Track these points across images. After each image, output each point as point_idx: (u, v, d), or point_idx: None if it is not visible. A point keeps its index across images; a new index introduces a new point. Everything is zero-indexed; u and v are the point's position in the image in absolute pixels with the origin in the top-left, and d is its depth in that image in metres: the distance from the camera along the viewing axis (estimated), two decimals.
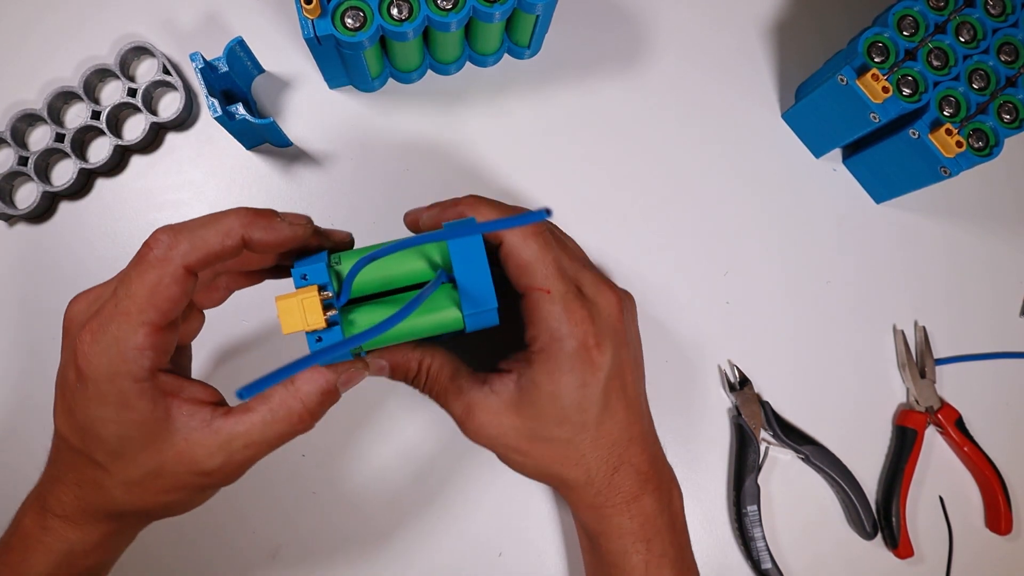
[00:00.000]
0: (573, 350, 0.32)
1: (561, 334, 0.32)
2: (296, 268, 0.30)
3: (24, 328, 0.46)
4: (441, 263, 0.32)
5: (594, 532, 0.36)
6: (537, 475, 0.36)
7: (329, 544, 0.44)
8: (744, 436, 0.46)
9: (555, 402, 0.33)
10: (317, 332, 0.30)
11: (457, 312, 0.31)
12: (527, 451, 0.35)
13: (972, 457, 0.47)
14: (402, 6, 0.40)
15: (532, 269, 0.32)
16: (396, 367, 0.35)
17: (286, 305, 0.29)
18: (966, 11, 0.44)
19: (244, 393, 0.23)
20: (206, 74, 0.41)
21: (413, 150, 0.48)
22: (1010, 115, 0.44)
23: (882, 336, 0.49)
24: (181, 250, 0.28)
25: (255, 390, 0.23)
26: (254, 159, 0.48)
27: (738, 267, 0.49)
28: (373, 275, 0.32)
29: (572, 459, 0.35)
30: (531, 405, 0.34)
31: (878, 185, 0.50)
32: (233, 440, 0.29)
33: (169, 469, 0.29)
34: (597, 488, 0.35)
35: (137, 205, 0.47)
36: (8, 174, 0.45)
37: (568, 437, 0.34)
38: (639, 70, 0.51)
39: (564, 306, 0.32)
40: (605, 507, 0.35)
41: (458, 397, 0.35)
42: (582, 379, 0.33)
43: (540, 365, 0.33)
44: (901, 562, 0.46)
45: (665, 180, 0.50)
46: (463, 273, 0.31)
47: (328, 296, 0.29)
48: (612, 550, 0.36)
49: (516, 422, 0.34)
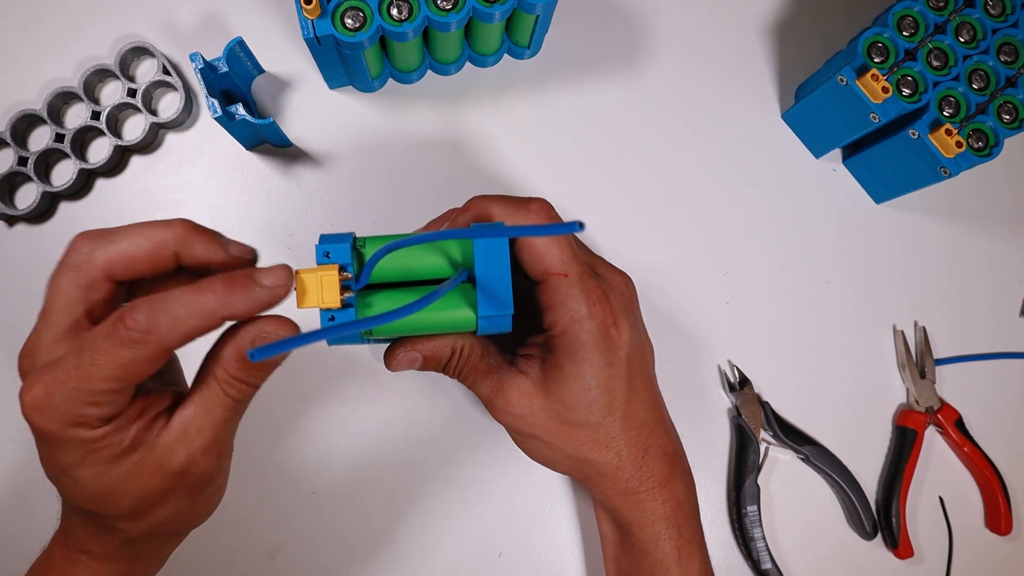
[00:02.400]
0: (595, 329, 0.32)
1: (582, 315, 0.32)
2: (321, 244, 0.30)
3: (24, 329, 0.45)
4: (462, 262, 0.32)
5: (626, 520, 0.36)
6: (565, 462, 0.36)
7: (328, 545, 0.44)
8: (744, 436, 0.46)
9: (581, 383, 0.33)
10: (331, 311, 0.29)
11: (471, 313, 0.31)
12: (556, 434, 0.34)
13: (972, 457, 0.47)
14: (402, 6, 0.40)
15: (549, 255, 0.32)
16: (430, 359, 0.34)
17: (306, 280, 0.28)
18: (966, 11, 0.44)
19: (256, 354, 0.23)
20: (206, 74, 0.41)
21: (413, 150, 0.48)
22: (1010, 115, 0.44)
23: (882, 336, 0.49)
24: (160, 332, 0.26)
25: (266, 353, 0.23)
26: (254, 159, 0.48)
27: (738, 267, 0.49)
28: (394, 264, 0.31)
29: (602, 442, 0.34)
30: (557, 388, 0.33)
31: (878, 185, 0.50)
32: (185, 430, 0.28)
33: (155, 487, 0.29)
34: (629, 472, 0.35)
35: (137, 205, 0.47)
36: (8, 174, 0.45)
37: (597, 420, 0.34)
38: (639, 70, 0.51)
39: (583, 288, 0.32)
40: (638, 492, 0.35)
41: (487, 375, 0.35)
42: (606, 358, 0.33)
43: (562, 348, 0.33)
44: (901, 562, 0.46)
45: (665, 180, 0.50)
46: (485, 274, 0.31)
47: (348, 277, 0.29)
48: (644, 537, 0.35)
49: (545, 403, 0.34)
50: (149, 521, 0.30)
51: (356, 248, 0.31)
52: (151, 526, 0.30)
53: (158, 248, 0.28)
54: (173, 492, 0.30)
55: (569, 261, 0.32)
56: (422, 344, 0.34)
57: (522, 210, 0.33)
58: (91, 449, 0.27)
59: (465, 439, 0.46)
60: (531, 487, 0.45)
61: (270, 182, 0.47)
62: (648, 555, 0.35)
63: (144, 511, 0.29)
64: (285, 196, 0.47)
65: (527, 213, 0.33)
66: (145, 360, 0.26)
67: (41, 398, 0.26)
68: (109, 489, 0.28)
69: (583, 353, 0.33)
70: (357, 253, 0.31)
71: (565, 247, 0.32)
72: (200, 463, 0.29)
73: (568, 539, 0.45)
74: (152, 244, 0.28)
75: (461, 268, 0.31)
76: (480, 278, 0.31)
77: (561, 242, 0.32)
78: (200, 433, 0.29)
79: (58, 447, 0.27)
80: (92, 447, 0.27)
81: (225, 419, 0.29)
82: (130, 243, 0.27)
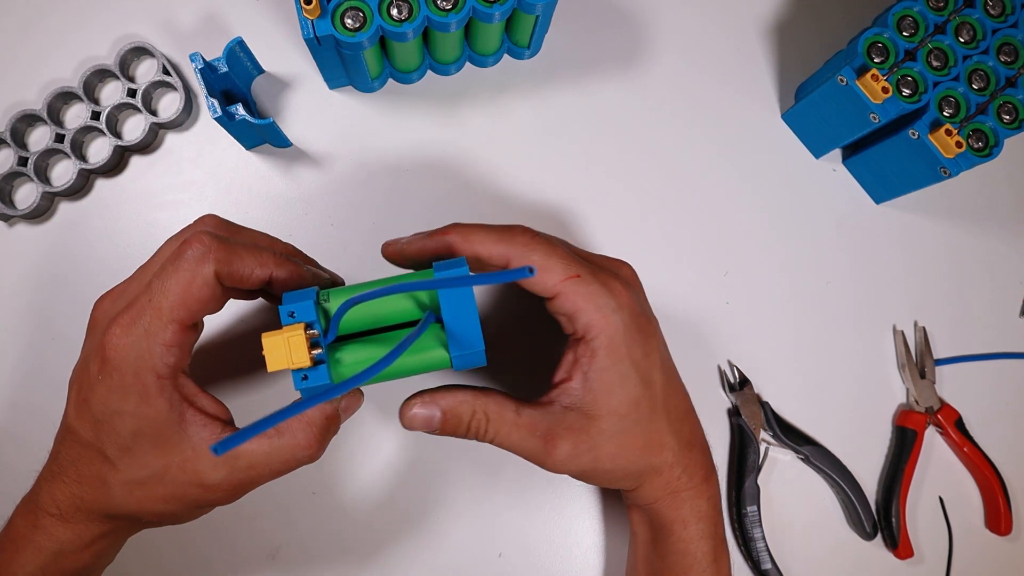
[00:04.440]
0: (629, 319, 0.31)
1: (610, 307, 0.31)
2: (284, 305, 0.30)
3: (24, 329, 0.46)
4: (428, 302, 0.32)
5: (668, 520, 0.34)
6: (626, 479, 0.33)
7: (328, 545, 0.44)
8: (744, 436, 0.46)
9: (627, 382, 0.31)
10: (303, 371, 0.29)
11: (445, 352, 0.31)
12: (617, 453, 0.32)
13: (972, 457, 0.47)
14: (402, 6, 0.40)
15: (550, 266, 0.31)
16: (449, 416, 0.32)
17: (272, 343, 0.28)
18: (966, 11, 0.44)
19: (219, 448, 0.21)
20: (206, 74, 0.41)
21: (413, 151, 0.48)
22: (1010, 115, 0.44)
23: (882, 336, 0.49)
24: (218, 257, 0.29)
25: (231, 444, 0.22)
26: (254, 159, 0.48)
27: (738, 267, 0.49)
28: (360, 313, 0.31)
29: (655, 443, 0.33)
30: (607, 400, 0.31)
31: (878, 185, 0.50)
32: (238, 458, 0.29)
33: (172, 475, 0.29)
34: (679, 469, 0.33)
35: (136, 205, 0.47)
36: (8, 174, 0.45)
37: (647, 417, 0.32)
38: (639, 70, 0.51)
39: (599, 281, 0.31)
40: (685, 490, 0.34)
41: (532, 431, 0.31)
42: (643, 348, 0.32)
43: (600, 351, 0.31)
44: (901, 562, 0.46)
45: (665, 180, 0.50)
46: (452, 318, 0.31)
47: (315, 335, 0.29)
48: (686, 537, 0.34)
49: (601, 426, 0.31)
50: (147, 504, 0.30)
51: (320, 303, 0.31)
52: (144, 509, 0.30)
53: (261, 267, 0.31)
54: (186, 495, 0.30)
55: (573, 263, 0.32)
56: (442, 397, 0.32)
57: (506, 241, 0.32)
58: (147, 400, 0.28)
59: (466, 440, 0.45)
60: (531, 487, 0.45)
61: (270, 182, 0.47)
62: (688, 554, 0.34)
63: (151, 491, 0.30)
64: (285, 196, 0.47)
65: (512, 245, 0.32)
66: (203, 283, 0.28)
67: (117, 336, 0.28)
68: (139, 450, 0.29)
69: (622, 350, 0.31)
70: (321, 309, 0.31)
71: (563, 254, 0.32)
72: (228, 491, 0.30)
73: (568, 539, 0.45)
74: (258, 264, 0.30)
75: (428, 311, 0.31)
76: (448, 321, 0.31)
77: (555, 251, 0.32)
78: (249, 469, 0.30)
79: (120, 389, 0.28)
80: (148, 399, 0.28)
81: (275, 471, 0.30)
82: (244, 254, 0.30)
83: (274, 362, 0.28)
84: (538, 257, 0.31)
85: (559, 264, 0.31)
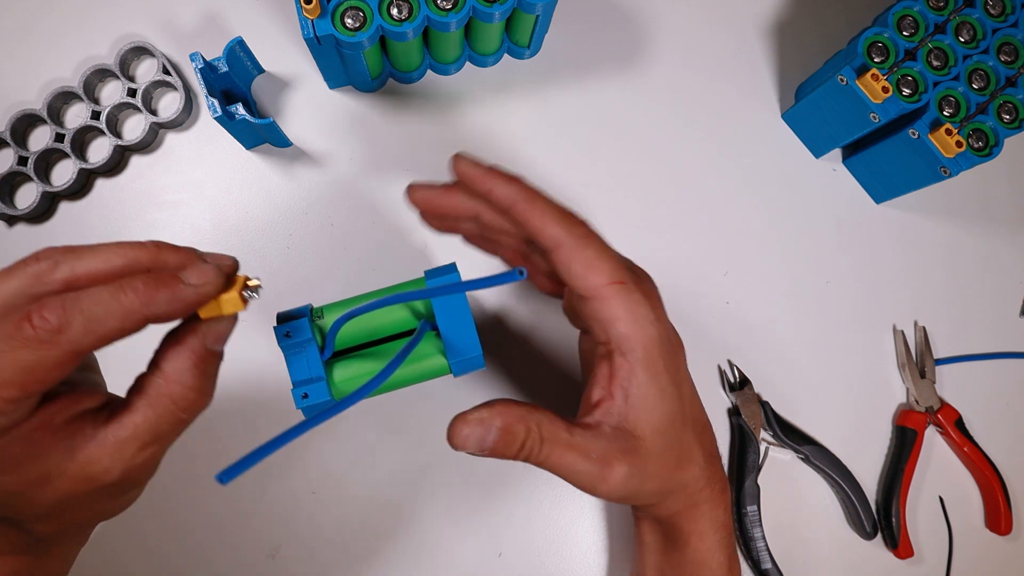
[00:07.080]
0: (664, 332, 0.30)
1: (648, 319, 0.29)
2: (279, 326, 0.30)
3: None
4: (423, 310, 0.32)
5: (685, 531, 0.33)
6: (656, 494, 0.32)
7: (328, 544, 0.44)
8: (744, 436, 0.46)
9: (665, 398, 0.30)
10: (302, 388, 0.29)
11: (443, 359, 0.31)
12: (657, 473, 0.30)
13: (972, 457, 0.47)
14: (402, 6, 0.40)
15: (599, 267, 0.29)
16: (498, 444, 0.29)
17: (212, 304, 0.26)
18: (966, 11, 0.44)
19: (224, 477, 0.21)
20: (206, 74, 0.41)
21: (413, 150, 0.48)
22: (1010, 115, 0.44)
23: (882, 336, 0.49)
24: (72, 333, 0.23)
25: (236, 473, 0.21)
26: (254, 159, 0.48)
27: (738, 267, 0.49)
28: (355, 327, 0.31)
29: (686, 456, 0.31)
30: (647, 416, 0.30)
31: (878, 185, 0.50)
32: (124, 447, 0.26)
33: (75, 493, 0.26)
34: (703, 482, 0.32)
35: (137, 205, 0.47)
36: (8, 174, 0.45)
37: (679, 432, 0.31)
38: (639, 70, 0.51)
39: (642, 291, 0.30)
40: (705, 502, 0.33)
41: (585, 454, 0.29)
42: (675, 362, 0.30)
43: (638, 366, 0.29)
44: (901, 562, 0.46)
45: (665, 180, 0.50)
46: (447, 325, 0.30)
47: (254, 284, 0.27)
48: (703, 547, 0.33)
49: (647, 446, 0.30)
50: (65, 521, 0.28)
51: (314, 320, 0.31)
52: (66, 525, 0.28)
53: (128, 268, 0.26)
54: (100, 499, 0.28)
55: (622, 268, 0.30)
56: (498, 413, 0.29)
57: (565, 225, 0.30)
58: None
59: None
60: (531, 487, 0.45)
61: (270, 182, 0.47)
62: (704, 565, 0.33)
63: (60, 514, 0.27)
64: (285, 196, 0.47)
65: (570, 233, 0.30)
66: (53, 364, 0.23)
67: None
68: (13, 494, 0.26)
69: (661, 363, 0.30)
70: (316, 326, 0.31)
71: (613, 257, 0.30)
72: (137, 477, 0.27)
73: (568, 539, 0.45)
74: (123, 262, 0.25)
75: (423, 320, 0.31)
76: (443, 329, 0.30)
77: (608, 252, 0.30)
78: (141, 451, 0.26)
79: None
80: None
81: (175, 434, 0.27)
82: (100, 260, 0.25)
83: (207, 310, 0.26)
84: (591, 253, 0.30)
85: (608, 266, 0.30)
